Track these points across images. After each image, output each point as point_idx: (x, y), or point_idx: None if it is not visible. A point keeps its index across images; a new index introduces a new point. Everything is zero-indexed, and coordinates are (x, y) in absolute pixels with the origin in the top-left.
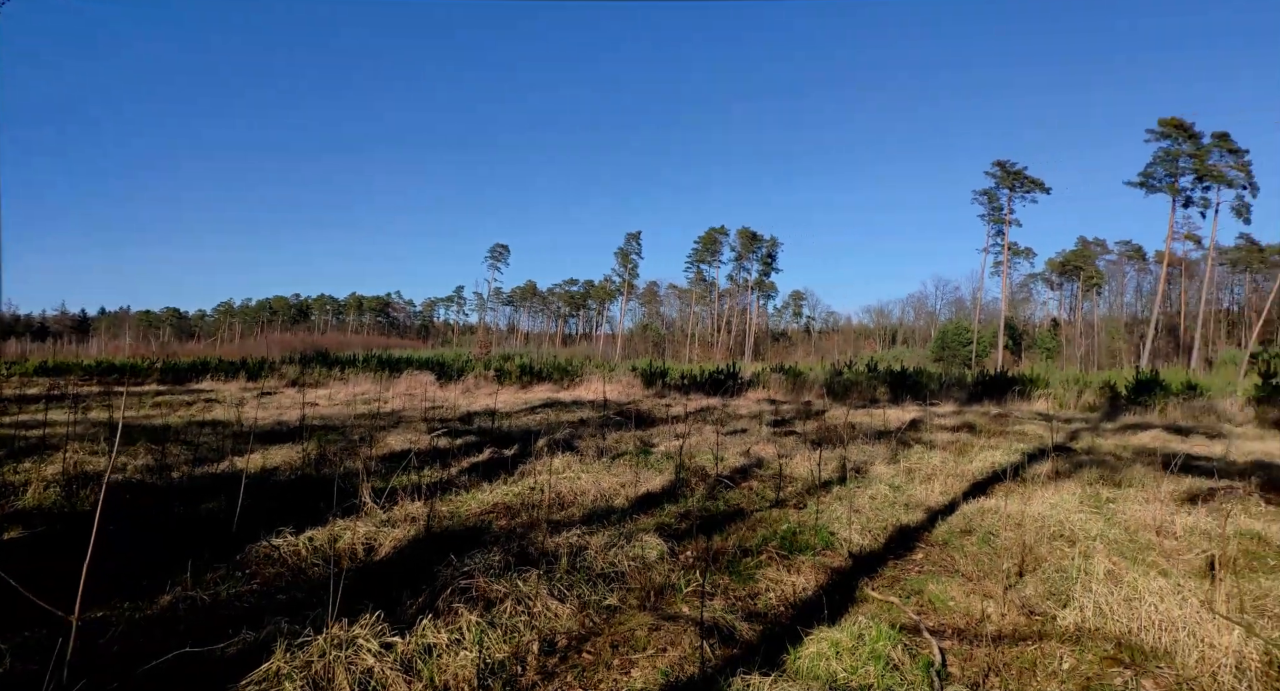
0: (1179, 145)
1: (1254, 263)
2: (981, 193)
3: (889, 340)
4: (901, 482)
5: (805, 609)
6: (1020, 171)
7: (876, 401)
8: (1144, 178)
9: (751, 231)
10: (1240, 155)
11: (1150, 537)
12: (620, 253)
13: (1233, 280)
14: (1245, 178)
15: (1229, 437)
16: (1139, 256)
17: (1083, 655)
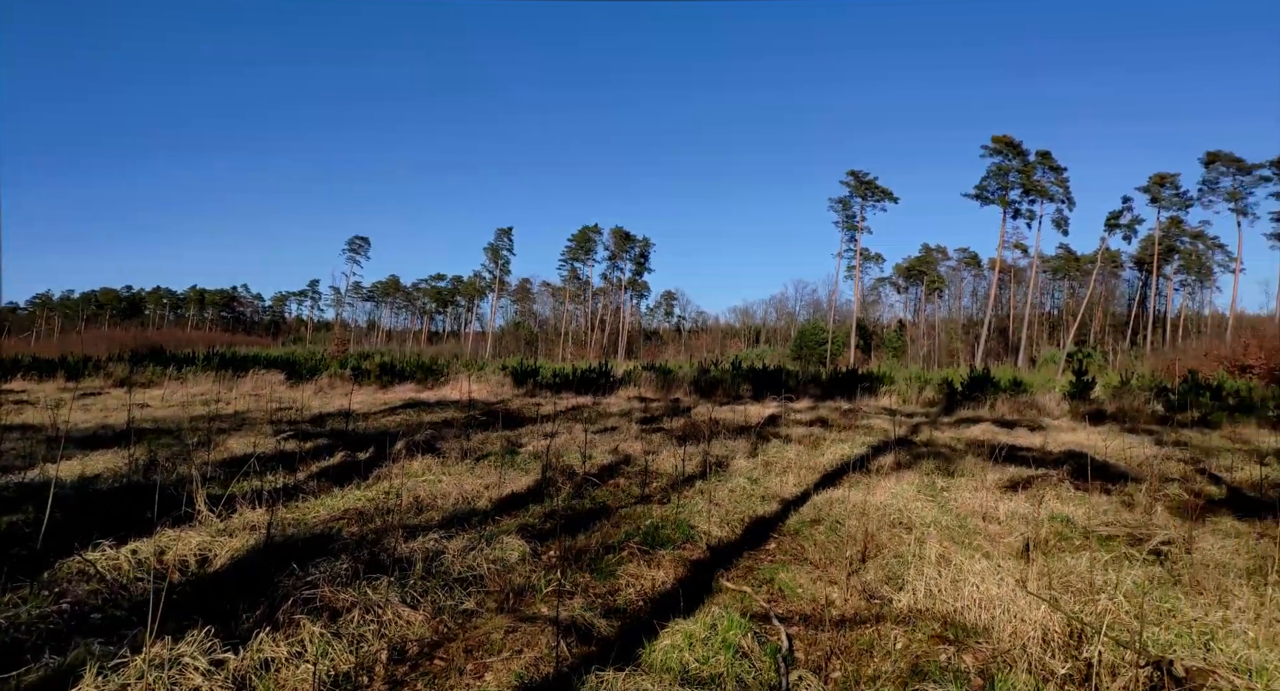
0: (1009, 161)
1: (1071, 270)
2: (837, 201)
3: (753, 339)
4: (759, 475)
5: (663, 602)
6: (872, 181)
7: (740, 398)
8: (979, 190)
9: (625, 231)
10: (1060, 172)
11: (978, 523)
12: (491, 248)
13: (1054, 286)
14: (1064, 193)
15: (1047, 430)
16: (975, 263)
17: (914, 634)
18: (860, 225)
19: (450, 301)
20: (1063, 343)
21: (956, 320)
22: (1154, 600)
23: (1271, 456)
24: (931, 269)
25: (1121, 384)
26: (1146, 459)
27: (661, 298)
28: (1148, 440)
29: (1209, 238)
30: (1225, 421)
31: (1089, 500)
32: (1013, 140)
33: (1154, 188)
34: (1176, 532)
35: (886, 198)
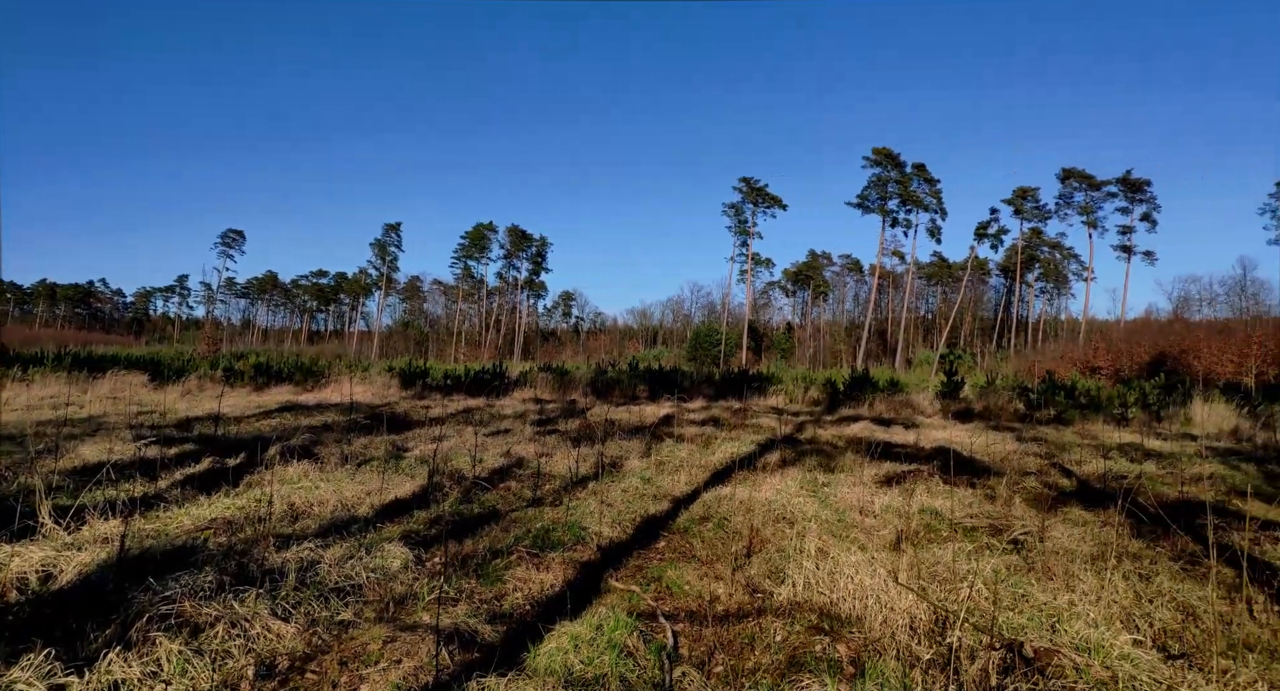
0: (888, 172)
1: (944, 277)
2: (730, 206)
3: (651, 340)
4: (652, 475)
5: (551, 606)
6: (763, 188)
7: (637, 398)
8: (861, 199)
9: (521, 230)
10: (934, 184)
11: (855, 517)
12: (378, 244)
13: (929, 291)
14: (937, 203)
15: (920, 427)
16: (857, 269)
17: (793, 627)
18: (752, 231)
19: (333, 299)
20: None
21: (840, 323)
22: (1010, 586)
23: (1115, 451)
24: (818, 274)
25: (987, 384)
26: (1008, 454)
27: (559, 298)
28: (1010, 436)
29: (1065, 248)
30: (1077, 418)
31: (956, 494)
32: (891, 152)
33: (1017, 200)
34: (1032, 523)
35: (776, 205)
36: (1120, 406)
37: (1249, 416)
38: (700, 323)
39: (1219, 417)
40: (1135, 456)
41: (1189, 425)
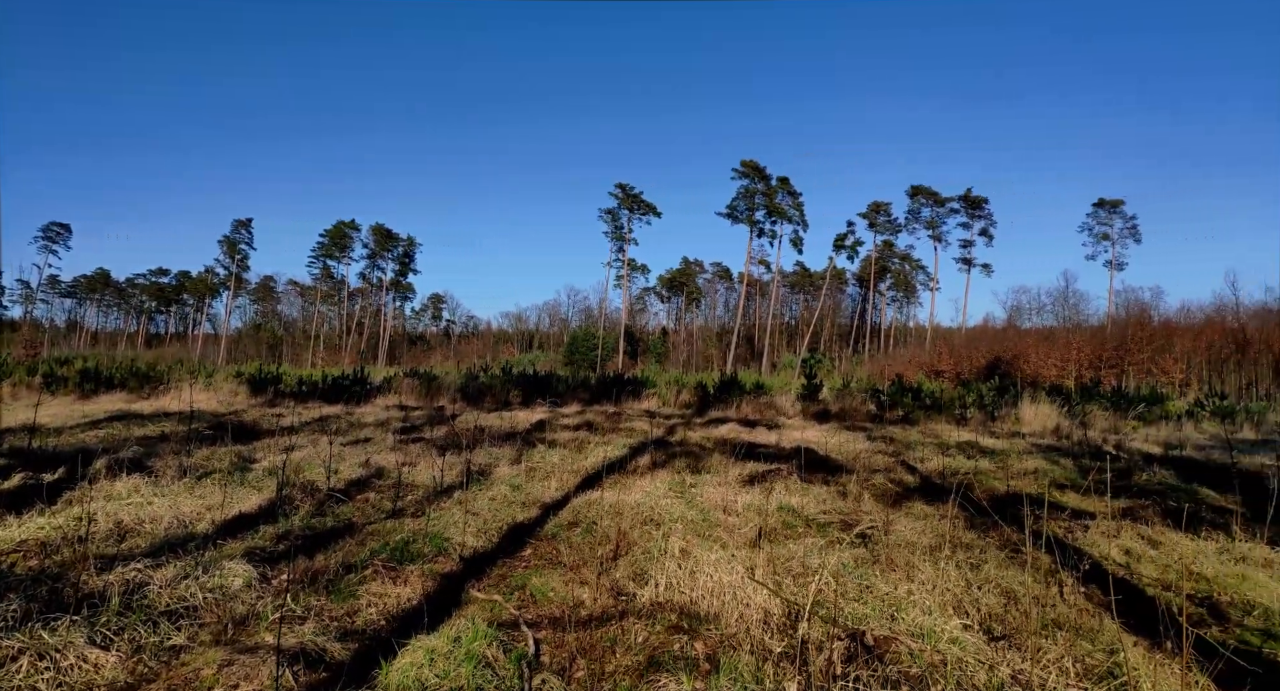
0: (755, 185)
1: (806, 285)
2: (606, 212)
3: (526, 345)
4: (522, 482)
5: (407, 620)
6: (638, 195)
7: (509, 404)
8: (730, 210)
9: (387, 229)
10: (797, 197)
11: (719, 516)
12: (226, 241)
13: (792, 298)
14: (800, 216)
15: (783, 428)
16: (727, 276)
17: (653, 627)
18: (628, 237)
19: (175, 300)
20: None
21: (712, 328)
22: (856, 578)
23: (954, 448)
24: (691, 281)
25: (843, 387)
26: (859, 453)
27: (429, 300)
28: (862, 436)
29: (914, 259)
30: (922, 418)
31: (812, 491)
32: (758, 165)
33: (871, 214)
34: (879, 517)
35: (651, 212)
36: (960, 407)
37: (1068, 416)
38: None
39: (1044, 417)
40: (972, 453)
41: (1018, 424)
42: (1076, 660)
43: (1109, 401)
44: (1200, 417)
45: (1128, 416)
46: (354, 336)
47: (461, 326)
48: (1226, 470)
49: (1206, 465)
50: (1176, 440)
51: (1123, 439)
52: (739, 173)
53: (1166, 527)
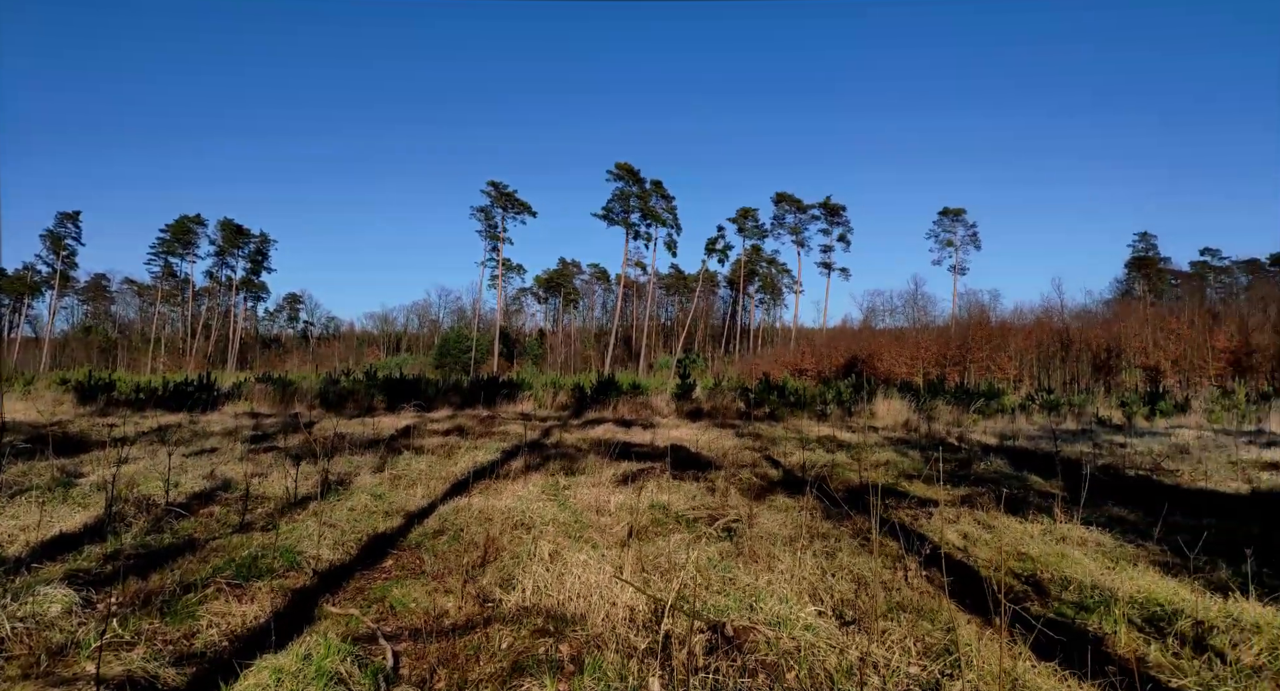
0: (630, 187)
1: (681, 287)
2: (479, 210)
3: (394, 347)
4: (385, 490)
5: (253, 639)
6: (511, 193)
7: (374, 410)
8: (606, 211)
9: (236, 224)
10: (670, 201)
11: (592, 517)
12: (50, 235)
13: (668, 300)
14: (674, 219)
15: (657, 427)
16: (605, 278)
17: (519, 632)
18: (502, 236)
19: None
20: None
21: (590, 329)
22: (720, 571)
23: (815, 443)
24: (568, 282)
25: (715, 386)
26: (728, 449)
27: (285, 301)
28: (731, 433)
29: (779, 263)
30: (787, 415)
31: (682, 488)
32: (632, 168)
33: (740, 220)
34: (744, 511)
35: (526, 211)
36: (821, 403)
37: (917, 410)
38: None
39: (895, 412)
40: (830, 447)
41: (873, 418)
42: (918, 639)
43: (953, 396)
44: (1031, 410)
45: (969, 410)
46: (200, 340)
47: (321, 328)
48: (1051, 458)
49: (1035, 454)
50: (1010, 431)
51: (964, 431)
52: (613, 175)
53: (1000, 512)
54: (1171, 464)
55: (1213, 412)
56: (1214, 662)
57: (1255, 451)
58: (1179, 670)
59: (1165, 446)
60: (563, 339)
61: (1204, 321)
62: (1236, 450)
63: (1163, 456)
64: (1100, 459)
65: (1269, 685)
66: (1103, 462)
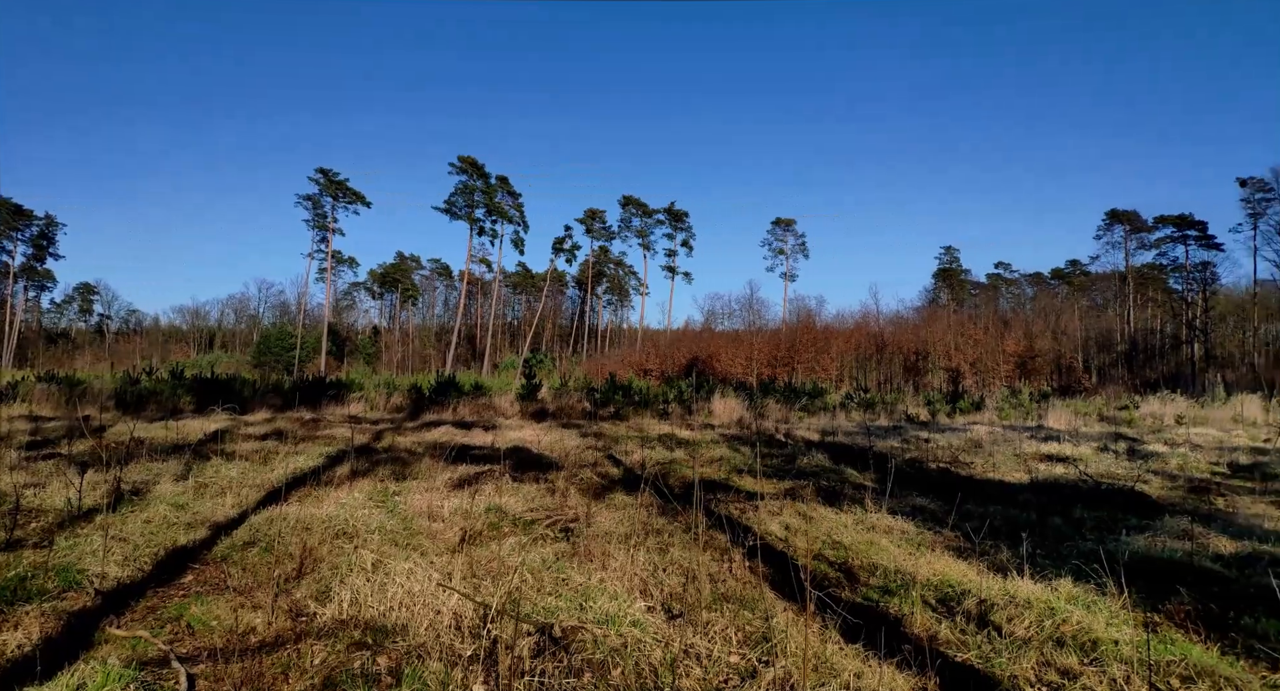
0: (474, 181)
1: (528, 286)
2: (306, 198)
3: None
4: (189, 500)
5: (14, 671)
6: (343, 182)
7: (180, 412)
8: (449, 205)
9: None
10: (517, 197)
11: (423, 523)
12: None
13: (515, 299)
14: (520, 216)
15: (500, 429)
16: (447, 274)
17: (334, 646)
18: (332, 226)
19: None
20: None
21: (431, 327)
22: (554, 572)
23: (655, 441)
24: (406, 277)
25: (561, 386)
26: (571, 449)
27: (76, 291)
28: (575, 433)
29: (626, 265)
30: (631, 414)
31: (522, 489)
32: (477, 162)
33: (588, 220)
34: (583, 511)
35: (359, 201)
36: (663, 403)
37: (750, 408)
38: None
39: (731, 410)
40: (670, 445)
41: (710, 416)
42: (738, 629)
43: (782, 395)
44: (850, 408)
45: (795, 408)
46: None
47: (120, 322)
48: (865, 452)
49: (852, 448)
50: (831, 427)
51: (791, 427)
52: (457, 168)
53: (819, 504)
54: (967, 457)
55: (1002, 410)
56: (993, 636)
57: (1035, 445)
58: (964, 644)
59: (962, 441)
60: (400, 337)
61: (997, 328)
62: (1020, 444)
63: (960, 450)
64: (907, 453)
65: (1035, 653)
66: (909, 456)
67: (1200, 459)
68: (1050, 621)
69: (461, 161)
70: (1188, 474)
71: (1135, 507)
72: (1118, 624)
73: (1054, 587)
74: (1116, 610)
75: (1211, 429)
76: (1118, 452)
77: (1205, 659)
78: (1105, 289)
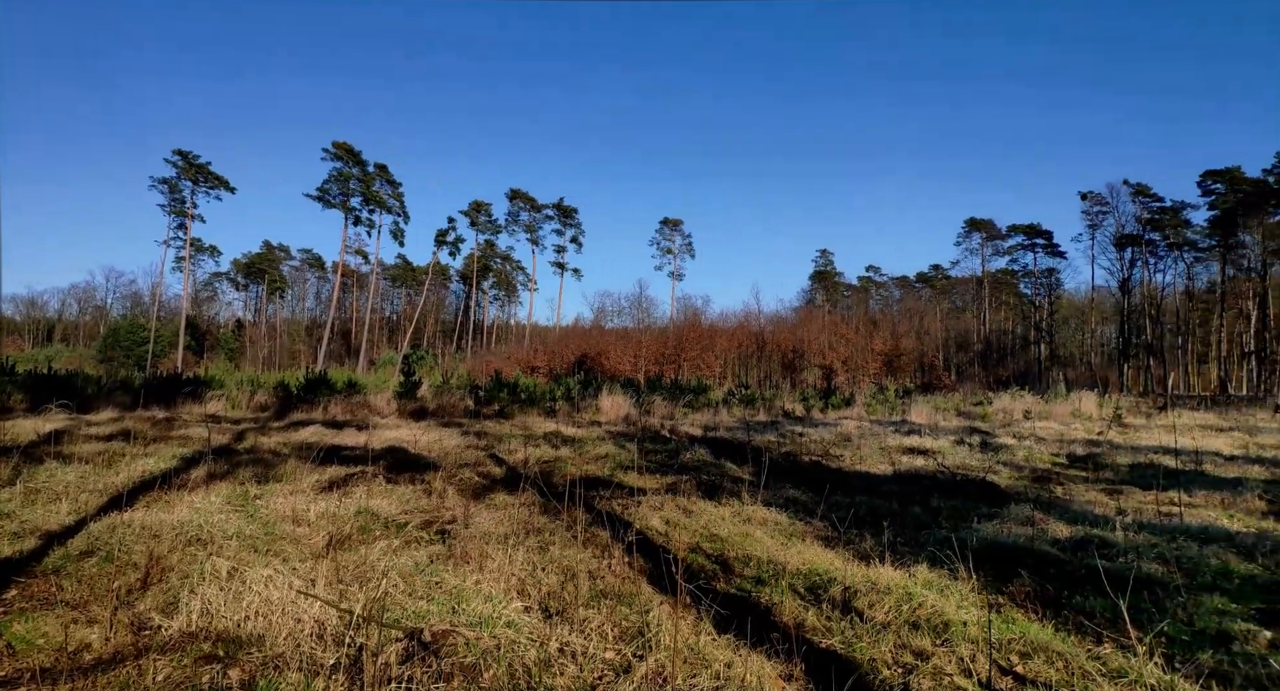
0: (350, 168)
1: (409, 279)
2: (161, 181)
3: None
4: (15, 507)
5: None
6: (204, 165)
7: (10, 411)
8: (321, 192)
9: None
10: (397, 186)
11: (287, 528)
12: None
13: (394, 293)
14: (400, 206)
15: (375, 428)
16: (319, 265)
17: (181, 661)
18: (191, 212)
19: None
20: (400, 345)
21: (301, 321)
22: (427, 576)
23: (541, 439)
24: (274, 267)
25: (443, 383)
26: (451, 449)
27: None
28: (457, 431)
29: (514, 260)
30: (517, 412)
31: (397, 491)
32: (352, 148)
33: (473, 213)
34: (460, 511)
35: (222, 186)
36: (550, 400)
37: (637, 405)
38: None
39: (618, 407)
40: (556, 443)
41: (598, 413)
42: (615, 625)
43: (668, 392)
44: (732, 404)
45: (680, 404)
46: None
47: None
48: (744, 447)
49: (733, 443)
50: (714, 423)
51: (676, 423)
52: (330, 154)
53: (700, 498)
54: (837, 450)
55: (870, 406)
56: (855, 622)
57: (899, 438)
58: (829, 631)
59: (834, 435)
60: (266, 331)
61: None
62: (886, 438)
63: (831, 444)
64: (783, 447)
65: (893, 636)
66: (785, 450)
67: (1043, 451)
68: (907, 606)
69: (336, 147)
70: (1032, 465)
71: (986, 497)
72: (967, 606)
73: (912, 574)
74: (966, 593)
75: (1054, 423)
76: (972, 445)
77: (1041, 636)
78: (964, 292)
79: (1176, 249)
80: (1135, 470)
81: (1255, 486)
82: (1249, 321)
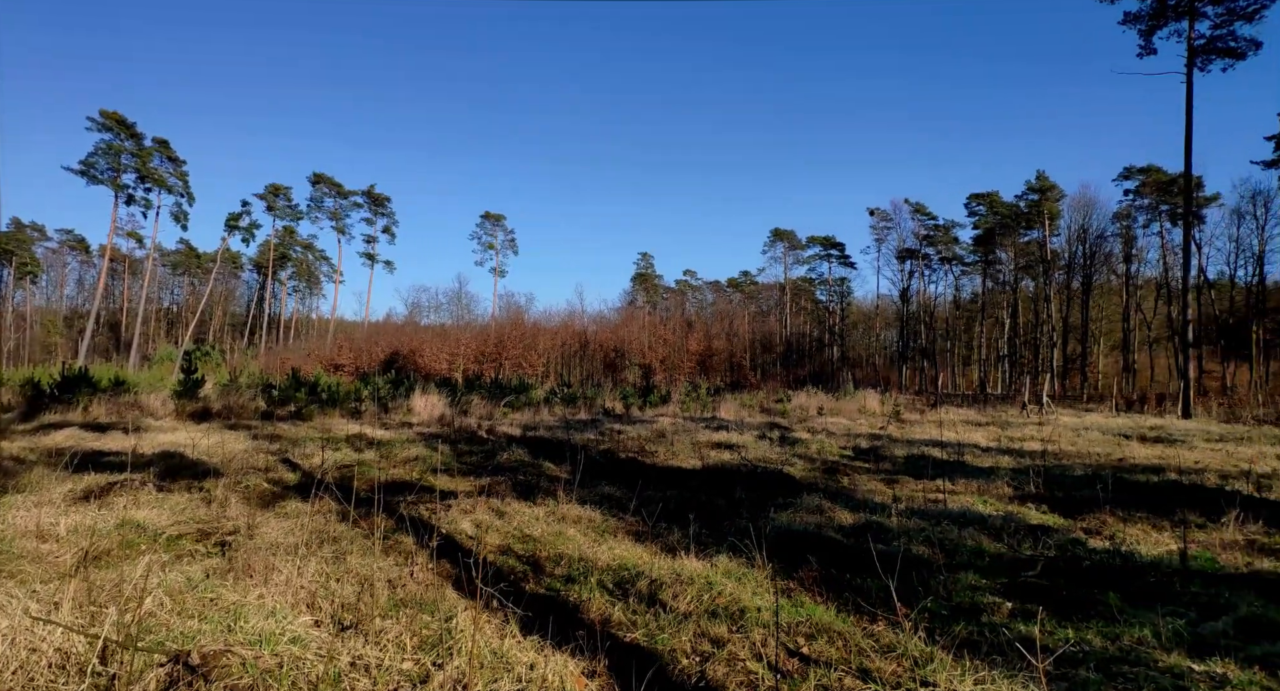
0: (122, 141)
1: (193, 267)
2: None
3: None
4: None
5: None
6: None
7: None
8: (86, 166)
9: None
10: (180, 164)
11: (29, 545)
12: None
13: (174, 281)
14: (184, 186)
15: (147, 431)
16: (83, 248)
17: None
18: None
19: None
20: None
21: (58, 310)
22: (202, 592)
23: (343, 442)
24: (24, 249)
25: (231, 381)
26: (238, 453)
27: None
28: (245, 434)
29: (317, 249)
30: (317, 413)
31: (169, 500)
32: (125, 120)
33: (270, 196)
34: (244, 521)
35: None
36: (356, 401)
37: (453, 405)
38: None
39: (433, 407)
40: (360, 446)
41: (410, 414)
42: (414, 634)
43: (488, 391)
44: (554, 403)
45: (501, 404)
46: None
47: None
48: (564, 445)
49: (552, 442)
50: (534, 422)
51: (495, 423)
52: (97, 124)
53: (515, 499)
54: (653, 446)
55: (685, 403)
56: (660, 613)
57: (709, 434)
58: (634, 624)
59: (650, 432)
60: (14, 321)
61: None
62: (697, 433)
63: (647, 440)
64: (602, 444)
65: (693, 626)
66: (603, 448)
67: (834, 444)
68: (708, 595)
69: (105, 116)
70: (824, 457)
71: (783, 488)
72: (762, 593)
73: (714, 563)
74: (762, 580)
75: (843, 418)
76: (773, 440)
77: (825, 617)
78: (769, 297)
79: (947, 263)
80: (910, 461)
81: (1004, 474)
82: (1004, 329)
